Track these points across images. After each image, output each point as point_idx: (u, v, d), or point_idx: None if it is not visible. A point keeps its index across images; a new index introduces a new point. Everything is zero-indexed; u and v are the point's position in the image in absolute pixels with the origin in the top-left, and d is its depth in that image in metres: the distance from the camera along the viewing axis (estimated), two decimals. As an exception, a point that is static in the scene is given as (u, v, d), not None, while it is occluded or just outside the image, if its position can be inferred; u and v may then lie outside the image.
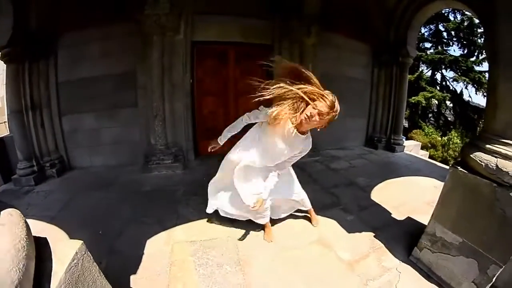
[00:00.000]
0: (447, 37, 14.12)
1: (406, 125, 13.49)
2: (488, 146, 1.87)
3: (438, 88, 14.03)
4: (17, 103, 3.87)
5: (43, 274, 0.76)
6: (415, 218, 2.89)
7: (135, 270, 2.14)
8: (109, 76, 4.37)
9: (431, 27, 14.05)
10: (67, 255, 0.85)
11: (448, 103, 14.25)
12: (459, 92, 13.84)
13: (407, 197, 3.49)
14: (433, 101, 13.61)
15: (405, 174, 4.41)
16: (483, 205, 1.87)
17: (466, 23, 12.89)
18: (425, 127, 12.82)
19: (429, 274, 2.17)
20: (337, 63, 5.52)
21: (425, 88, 13.26)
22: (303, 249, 2.45)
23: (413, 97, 12.78)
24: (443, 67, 13.91)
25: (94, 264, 0.97)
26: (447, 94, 13.63)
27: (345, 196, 3.50)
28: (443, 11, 12.58)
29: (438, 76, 14.40)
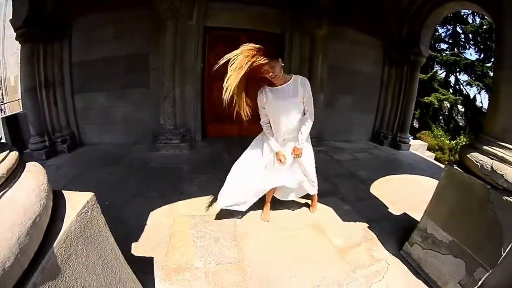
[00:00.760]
0: (464, 39, 13.74)
1: (416, 125, 13.33)
2: (485, 147, 1.87)
3: (451, 91, 13.73)
4: (31, 81, 4.01)
5: (57, 215, 0.88)
6: (411, 215, 2.90)
7: (137, 239, 2.28)
8: (121, 57, 4.50)
9: (449, 27, 13.69)
10: (79, 202, 0.97)
11: (460, 107, 13.97)
12: (472, 97, 13.56)
13: (406, 194, 3.51)
14: (445, 103, 13.37)
15: (407, 172, 4.41)
16: (475, 206, 1.88)
17: (485, 27, 12.48)
18: (434, 129, 12.64)
19: (417, 270, 2.19)
20: (347, 57, 5.52)
21: (437, 89, 13.01)
22: (297, 231, 2.55)
23: (426, 97, 12.56)
24: (458, 70, 13.57)
25: (101, 216, 1.08)
26: (459, 97, 13.34)
27: (345, 187, 3.57)
28: (462, 12, 12.28)
29: (452, 79, 14.10)
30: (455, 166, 2.07)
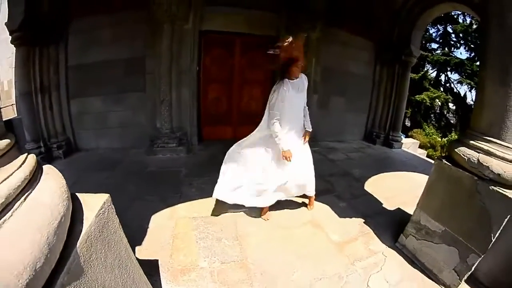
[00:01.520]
0: (455, 39, 14.03)
1: (408, 124, 13.55)
2: (472, 142, 2.01)
3: (442, 90, 14.01)
4: (27, 86, 3.98)
5: (76, 217, 0.92)
6: (404, 209, 3.02)
7: (140, 242, 2.32)
8: (118, 61, 4.50)
9: (439, 28, 13.95)
10: (96, 204, 1.01)
11: (451, 105, 14.27)
12: (462, 95, 13.87)
13: (399, 190, 3.63)
14: (436, 101, 13.64)
15: (400, 169, 4.54)
16: (464, 196, 2.00)
17: (475, 26, 12.75)
18: (426, 127, 12.89)
19: (413, 260, 2.32)
20: (340, 58, 5.64)
21: (428, 88, 13.27)
22: (296, 228, 2.63)
23: (417, 96, 12.80)
24: (449, 69, 13.86)
25: (116, 217, 1.12)
26: (449, 96, 13.64)
27: (340, 185, 3.67)
28: (453, 13, 12.52)
29: (443, 78, 14.38)
30: (444, 160, 2.20)
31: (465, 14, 12.82)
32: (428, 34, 13.95)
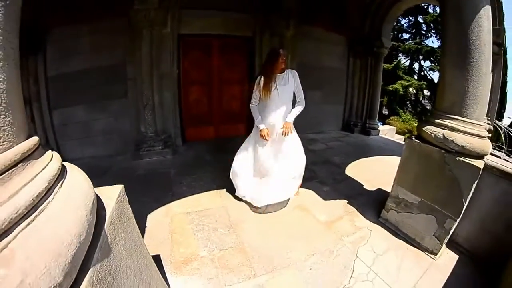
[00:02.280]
0: (425, 28, 14.76)
1: (386, 112, 14.12)
2: (437, 120, 2.29)
3: (416, 77, 14.69)
4: (6, 98, 3.91)
5: (98, 204, 1.03)
6: (384, 189, 3.26)
7: (140, 240, 2.42)
8: (98, 69, 4.49)
9: (410, 18, 14.62)
10: (114, 193, 1.13)
11: (426, 91, 14.99)
12: (436, 81, 14.53)
13: (378, 172, 3.90)
14: (410, 89, 14.29)
15: (378, 154, 4.84)
16: (435, 169, 2.28)
17: (444, 16, 13.42)
18: (402, 114, 13.48)
19: (396, 232, 2.57)
20: (315, 54, 5.88)
21: (402, 77, 13.89)
22: (286, 213, 2.83)
23: (391, 85, 13.36)
24: (421, 57, 14.56)
25: (129, 206, 1.24)
26: (423, 83, 14.33)
27: (322, 172, 3.92)
28: (423, 4, 13.15)
29: (416, 66, 15.10)
30: (413, 138, 2.47)
31: (435, 5, 13.55)
32: (399, 24, 14.61)
